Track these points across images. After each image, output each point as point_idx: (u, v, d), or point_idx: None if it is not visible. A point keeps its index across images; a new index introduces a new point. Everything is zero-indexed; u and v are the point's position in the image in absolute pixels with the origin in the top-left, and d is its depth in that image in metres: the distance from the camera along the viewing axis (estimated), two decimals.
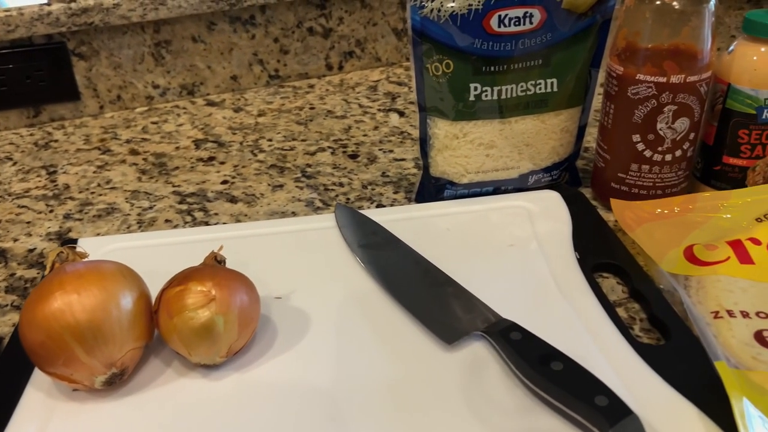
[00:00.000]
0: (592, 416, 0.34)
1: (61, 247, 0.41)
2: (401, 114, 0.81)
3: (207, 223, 0.59)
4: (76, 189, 0.67)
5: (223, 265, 0.44)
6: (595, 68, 0.56)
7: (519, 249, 0.51)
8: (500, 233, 0.53)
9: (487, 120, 0.55)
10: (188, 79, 0.88)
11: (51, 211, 0.63)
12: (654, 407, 0.36)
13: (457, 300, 0.45)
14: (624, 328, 0.42)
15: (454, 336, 0.42)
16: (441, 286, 0.46)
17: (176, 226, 0.59)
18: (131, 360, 0.39)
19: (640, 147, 0.53)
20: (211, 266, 0.42)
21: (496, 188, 0.59)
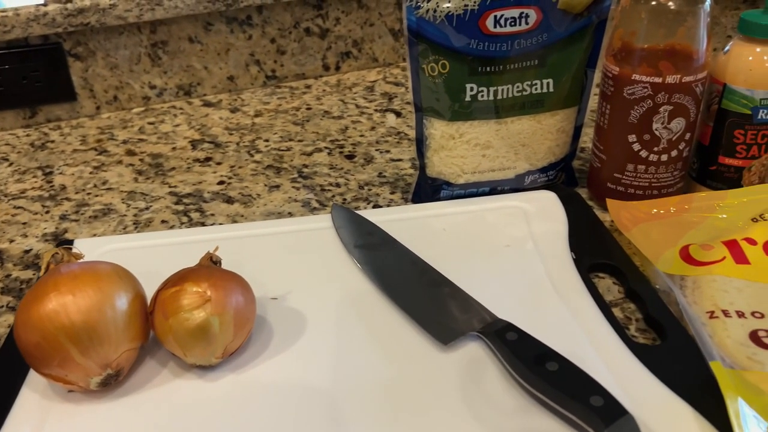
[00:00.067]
0: (588, 416, 0.34)
1: (55, 248, 0.41)
2: (398, 114, 0.81)
3: (203, 224, 0.59)
4: (73, 190, 0.67)
5: (218, 265, 0.44)
6: (591, 68, 0.56)
7: (515, 249, 0.51)
8: (496, 233, 0.53)
9: (484, 120, 0.55)
10: (185, 79, 0.88)
11: (47, 212, 0.63)
12: (649, 407, 0.36)
13: (454, 300, 0.45)
14: (620, 328, 0.42)
15: (450, 336, 0.42)
16: (437, 286, 0.46)
17: (172, 227, 0.59)
18: (126, 361, 0.39)
19: (636, 147, 0.53)
20: (206, 267, 0.42)
21: (493, 188, 0.59)
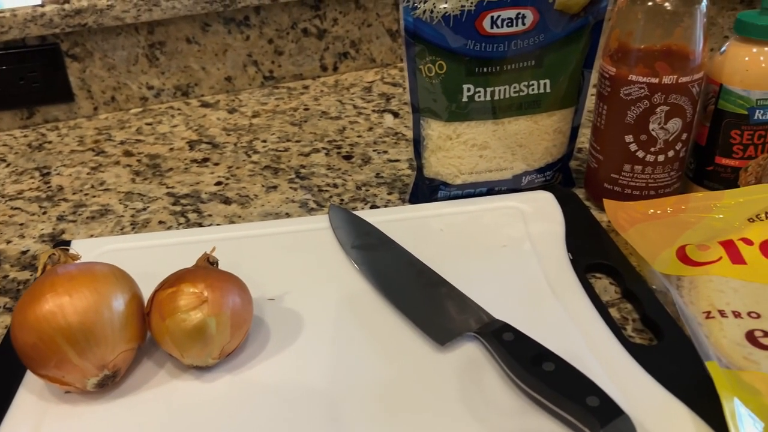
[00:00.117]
0: (584, 417, 0.34)
1: (52, 249, 0.41)
2: (396, 115, 0.81)
3: (201, 225, 0.59)
4: (70, 190, 0.67)
5: (215, 266, 0.44)
6: (587, 69, 0.56)
7: (512, 249, 0.51)
8: (494, 234, 0.53)
9: (481, 121, 0.55)
10: (182, 80, 0.88)
11: (44, 213, 0.63)
12: (646, 407, 0.36)
13: (451, 301, 0.45)
14: (616, 328, 0.42)
15: (447, 337, 0.42)
16: (434, 286, 0.46)
17: (170, 228, 0.59)
18: (123, 362, 0.39)
19: (633, 148, 0.53)
20: (203, 268, 0.42)
21: (490, 189, 0.59)
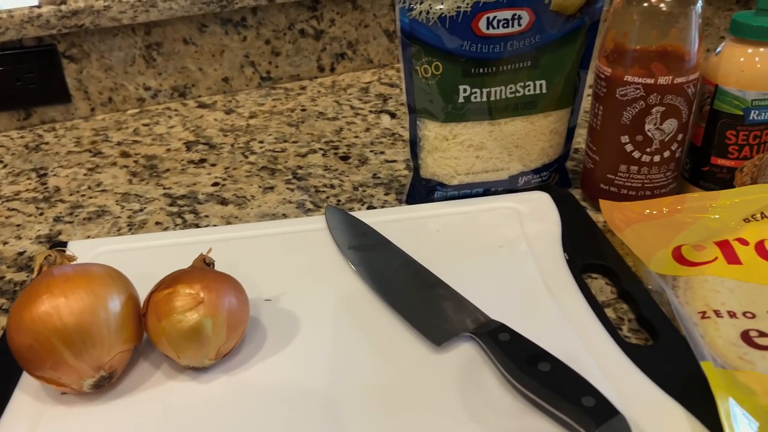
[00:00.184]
0: (579, 417, 0.34)
1: (48, 250, 0.41)
2: (393, 115, 0.81)
3: (197, 226, 0.59)
4: (67, 192, 0.67)
5: (212, 267, 0.44)
6: (583, 70, 0.56)
7: (508, 250, 0.51)
8: (490, 234, 0.53)
9: (477, 122, 0.55)
10: (179, 81, 0.88)
11: (41, 214, 0.63)
12: (641, 407, 0.36)
13: (447, 301, 0.45)
14: (612, 328, 0.42)
15: (444, 337, 0.42)
16: (431, 287, 0.46)
17: (167, 229, 0.59)
18: (119, 363, 0.39)
19: (629, 148, 0.53)
20: (199, 269, 0.42)
21: (486, 189, 0.59)
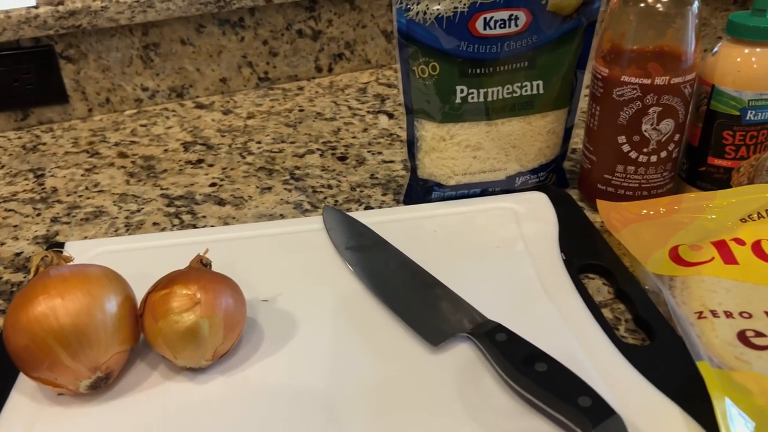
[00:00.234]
0: (576, 417, 0.34)
1: (45, 251, 0.41)
2: (390, 116, 0.81)
3: (195, 226, 0.59)
4: (64, 192, 0.67)
5: (209, 268, 0.44)
6: (580, 70, 0.56)
7: (506, 250, 0.51)
8: (487, 235, 0.53)
9: (474, 122, 0.55)
10: (177, 81, 0.88)
11: (38, 215, 0.63)
12: (637, 407, 0.36)
13: (444, 301, 0.45)
14: (609, 328, 0.42)
15: (441, 338, 0.42)
16: (428, 287, 0.46)
17: (164, 229, 0.59)
18: (116, 364, 0.39)
19: (626, 148, 0.53)
20: (196, 269, 0.42)
21: (484, 190, 0.59)
